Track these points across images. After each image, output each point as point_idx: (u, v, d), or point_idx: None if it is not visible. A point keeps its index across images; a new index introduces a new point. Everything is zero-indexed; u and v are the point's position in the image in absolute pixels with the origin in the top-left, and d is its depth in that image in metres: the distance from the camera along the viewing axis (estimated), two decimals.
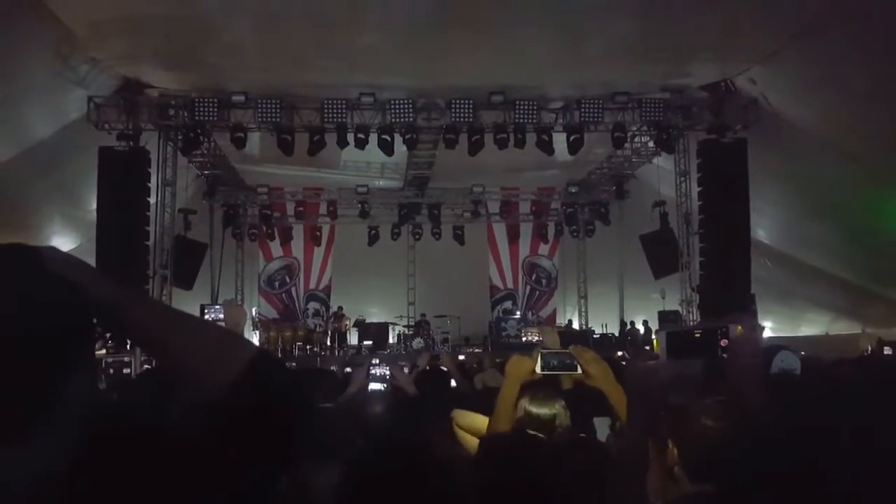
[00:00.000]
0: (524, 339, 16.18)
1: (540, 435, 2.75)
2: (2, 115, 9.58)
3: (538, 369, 2.68)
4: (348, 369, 7.21)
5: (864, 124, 9.62)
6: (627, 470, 1.74)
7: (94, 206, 11.43)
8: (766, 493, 0.96)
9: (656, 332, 12.47)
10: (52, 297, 0.93)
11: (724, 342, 1.80)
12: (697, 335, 1.88)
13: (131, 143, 11.56)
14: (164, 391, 1.09)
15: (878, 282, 12.15)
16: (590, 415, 3.12)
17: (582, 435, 3.05)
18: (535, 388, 2.88)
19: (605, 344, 15.21)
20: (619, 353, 9.47)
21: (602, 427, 3.22)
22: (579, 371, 2.59)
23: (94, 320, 0.99)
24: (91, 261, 11.26)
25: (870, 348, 11.39)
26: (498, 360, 7.18)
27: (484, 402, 3.28)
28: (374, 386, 5.06)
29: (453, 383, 5.27)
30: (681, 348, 1.86)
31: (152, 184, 11.78)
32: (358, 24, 9.42)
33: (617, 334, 16.83)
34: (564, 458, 2.08)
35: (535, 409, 2.86)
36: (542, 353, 2.67)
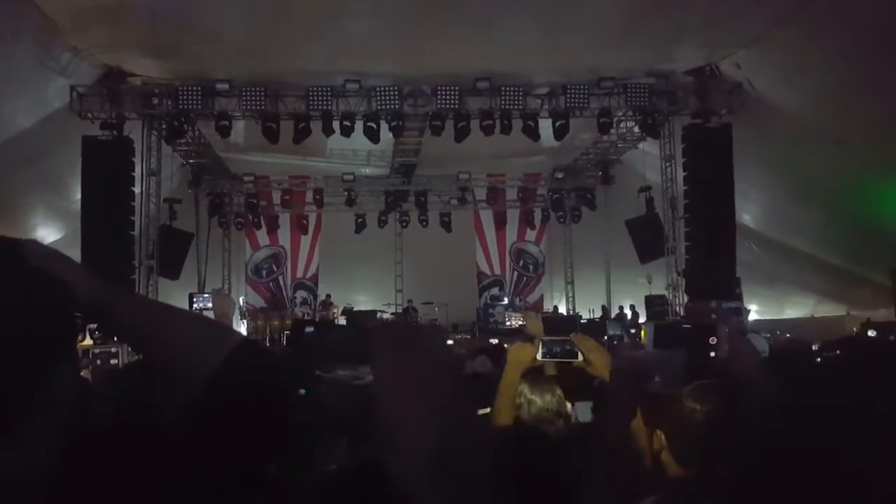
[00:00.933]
0: (507, 324, 16.22)
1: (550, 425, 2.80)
2: None
3: (539, 356, 2.69)
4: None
5: (849, 108, 9.66)
6: (604, 453, 1.76)
7: (79, 196, 11.34)
8: (756, 474, 0.98)
9: (643, 322, 12.57)
10: (35, 291, 0.92)
11: (713, 340, 1.79)
12: (686, 327, 1.87)
13: (115, 132, 11.45)
14: (150, 383, 1.09)
15: (862, 265, 12.26)
16: (572, 399, 3.16)
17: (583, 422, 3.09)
18: (531, 374, 2.89)
19: (591, 329, 15.26)
20: (605, 338, 9.51)
21: (584, 410, 3.26)
22: (580, 358, 2.60)
23: (78, 314, 0.98)
24: (76, 251, 11.20)
25: (854, 330, 11.50)
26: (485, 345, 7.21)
27: (475, 388, 3.30)
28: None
29: None
30: (668, 342, 1.85)
31: (137, 173, 11.69)
32: (343, 11, 9.36)
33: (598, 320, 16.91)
34: (575, 450, 2.09)
35: (538, 399, 2.89)
36: (543, 340, 2.68)
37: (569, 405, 3.11)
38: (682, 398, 1.98)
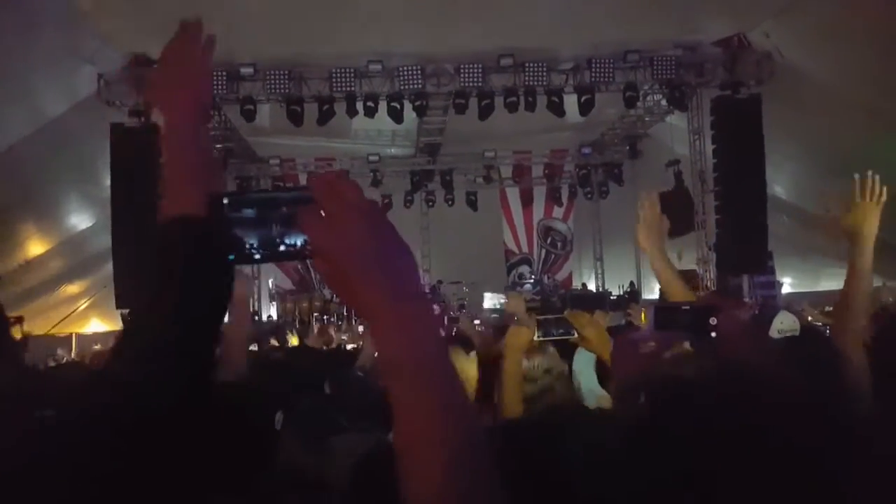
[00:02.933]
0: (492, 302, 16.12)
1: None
2: (13, 94, 9.60)
3: (536, 337, 2.69)
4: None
5: (881, 75, 9.42)
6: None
7: (109, 182, 11.50)
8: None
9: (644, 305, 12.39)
10: None
11: (713, 320, 1.77)
12: (686, 308, 1.85)
13: (142, 118, 11.56)
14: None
15: None
16: None
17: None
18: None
19: (620, 305, 15.17)
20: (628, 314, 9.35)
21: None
22: (576, 336, 2.60)
23: None
24: (107, 238, 11.37)
25: (892, 300, 11.30)
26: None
27: None
28: None
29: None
30: (669, 323, 1.84)
31: None
32: None
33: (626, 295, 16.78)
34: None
35: (525, 362, 2.81)
36: (539, 320, 2.68)
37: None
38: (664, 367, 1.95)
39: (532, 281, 18.54)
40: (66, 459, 0.88)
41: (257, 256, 0.98)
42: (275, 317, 16.11)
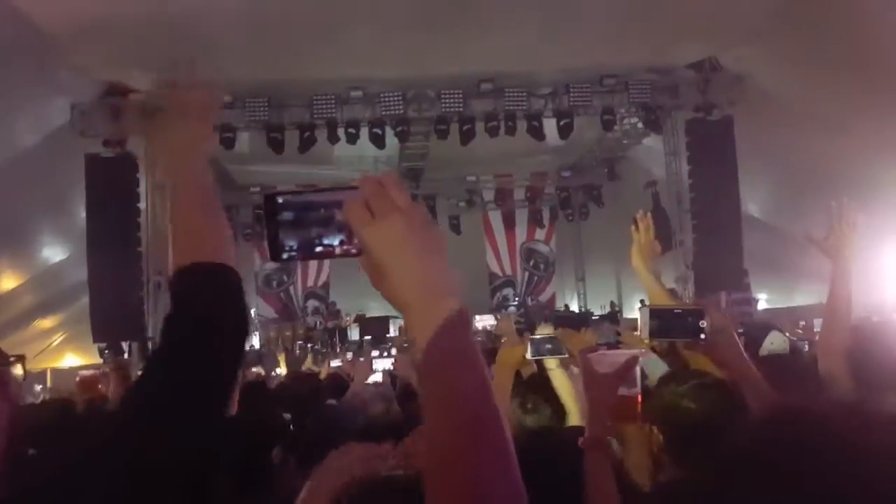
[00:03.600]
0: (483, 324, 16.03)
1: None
2: None
3: (528, 355, 2.71)
4: None
5: (849, 95, 9.61)
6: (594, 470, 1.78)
7: (84, 214, 11.37)
8: (755, 476, 0.95)
9: (639, 308, 12.44)
10: None
11: (702, 323, 1.85)
12: (678, 311, 1.93)
13: (118, 148, 11.47)
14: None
15: (869, 250, 12.16)
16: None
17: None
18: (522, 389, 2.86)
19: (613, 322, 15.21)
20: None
21: None
22: (567, 355, 2.62)
23: None
24: (83, 270, 11.20)
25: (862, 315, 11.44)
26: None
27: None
28: (374, 378, 5.05)
29: None
30: (664, 325, 1.91)
31: (142, 189, 11.70)
32: (344, 18, 9.37)
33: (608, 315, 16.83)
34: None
35: (528, 419, 2.82)
36: (531, 339, 2.73)
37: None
38: (678, 398, 1.99)
39: (516, 303, 18.57)
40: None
41: (294, 255, 1.01)
42: (257, 346, 15.99)
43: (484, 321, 15.65)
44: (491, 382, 0.87)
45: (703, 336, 1.85)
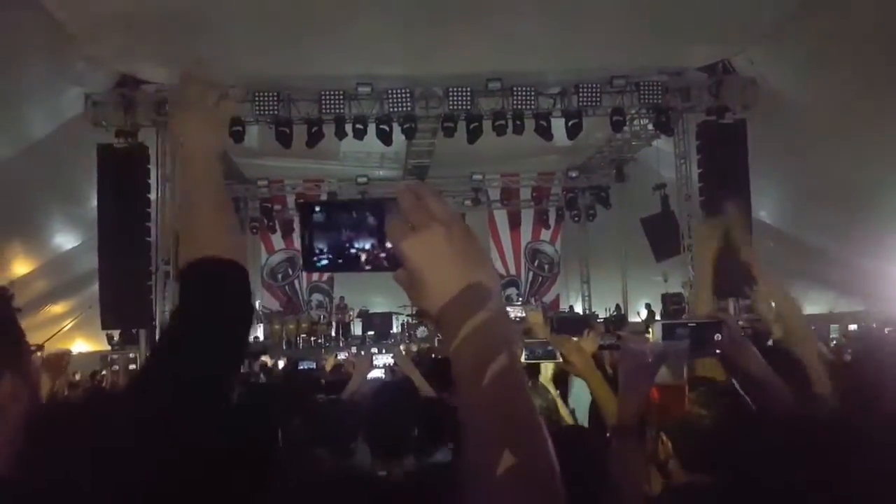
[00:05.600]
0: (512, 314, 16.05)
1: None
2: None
3: (523, 359, 2.73)
4: None
5: (864, 102, 9.57)
6: (622, 459, 1.75)
7: (95, 203, 11.45)
8: (765, 481, 0.96)
9: (652, 321, 12.44)
10: None
11: (717, 336, 1.82)
12: (692, 325, 1.89)
13: (130, 139, 11.53)
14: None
15: (881, 259, 12.13)
16: None
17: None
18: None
19: (605, 328, 15.17)
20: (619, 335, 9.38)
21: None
22: (560, 359, 2.64)
23: None
24: (93, 258, 11.31)
25: (874, 325, 11.39)
26: None
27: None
28: (374, 374, 5.07)
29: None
30: (675, 339, 1.88)
31: (152, 180, 11.77)
32: (354, 14, 9.38)
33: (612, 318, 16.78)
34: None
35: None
36: (525, 342, 2.76)
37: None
38: (688, 404, 1.97)
39: (520, 303, 18.54)
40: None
41: (325, 263, 1.01)
42: (262, 338, 16.03)
43: (516, 310, 15.58)
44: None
45: (718, 351, 1.81)
